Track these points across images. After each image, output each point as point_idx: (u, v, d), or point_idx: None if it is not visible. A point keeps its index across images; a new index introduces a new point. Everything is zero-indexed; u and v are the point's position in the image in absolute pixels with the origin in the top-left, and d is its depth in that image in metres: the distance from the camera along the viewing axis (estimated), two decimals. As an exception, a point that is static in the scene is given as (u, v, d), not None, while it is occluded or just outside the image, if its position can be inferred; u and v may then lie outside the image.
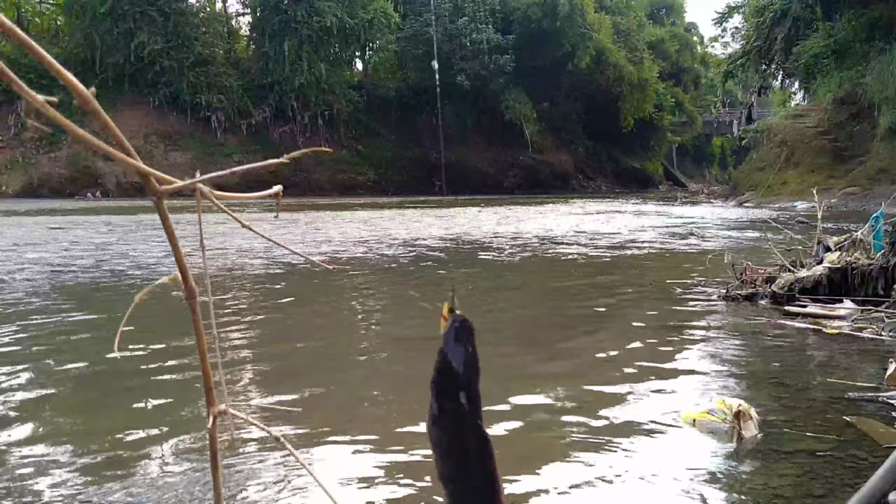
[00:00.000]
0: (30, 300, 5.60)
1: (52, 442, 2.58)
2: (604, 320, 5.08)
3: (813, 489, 2.15)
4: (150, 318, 4.76)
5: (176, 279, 0.70)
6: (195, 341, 0.73)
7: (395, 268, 8.14)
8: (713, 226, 15.80)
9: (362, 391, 3.32)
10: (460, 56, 40.91)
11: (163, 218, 0.67)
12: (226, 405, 0.73)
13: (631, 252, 9.71)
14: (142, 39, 35.05)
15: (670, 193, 46.86)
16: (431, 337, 3.61)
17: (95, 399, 3.17)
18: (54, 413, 2.93)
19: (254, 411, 2.93)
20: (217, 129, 37.24)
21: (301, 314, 5.38)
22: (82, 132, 0.59)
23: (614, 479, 2.27)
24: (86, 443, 2.57)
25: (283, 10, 38.16)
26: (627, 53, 48.28)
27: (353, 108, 41.25)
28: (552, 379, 3.46)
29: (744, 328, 4.60)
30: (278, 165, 0.69)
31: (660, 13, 63.50)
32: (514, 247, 10.43)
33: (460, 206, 25.06)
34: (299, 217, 17.20)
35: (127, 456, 2.44)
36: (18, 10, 37.75)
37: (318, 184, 37.08)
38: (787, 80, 37.53)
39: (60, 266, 7.67)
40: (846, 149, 25.59)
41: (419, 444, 2.60)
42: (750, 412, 2.65)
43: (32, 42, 0.53)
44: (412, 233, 12.86)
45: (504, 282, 7.27)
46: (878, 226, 5.54)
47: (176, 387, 3.28)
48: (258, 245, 9.71)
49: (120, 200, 27.62)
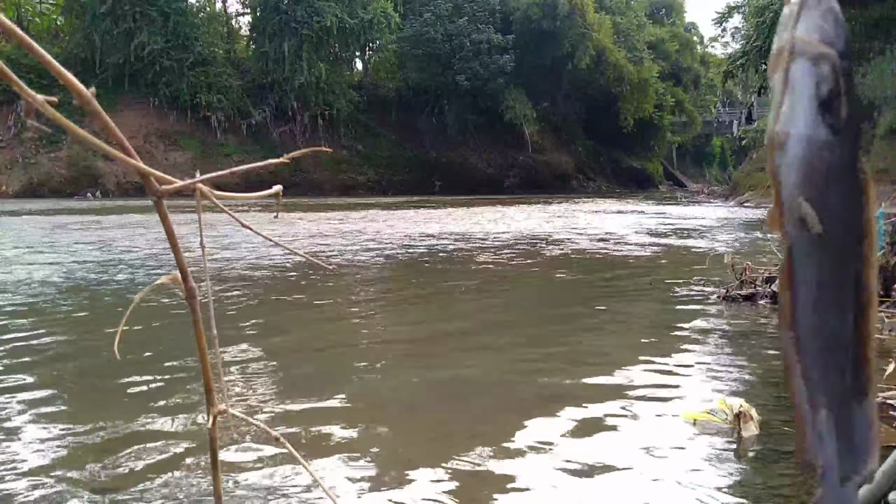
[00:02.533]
0: (30, 300, 5.60)
1: (52, 442, 2.58)
2: (603, 319, 5.07)
3: (812, 488, 2.15)
4: (150, 317, 4.75)
5: (176, 279, 0.70)
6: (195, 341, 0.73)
7: (394, 267, 8.13)
8: (713, 226, 15.79)
9: (362, 391, 3.32)
10: (460, 56, 40.88)
11: (163, 218, 0.67)
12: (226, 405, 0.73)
13: (631, 252, 9.70)
14: (142, 39, 35.05)
15: (670, 193, 46.87)
16: (432, 337, 3.62)
17: (95, 399, 3.16)
18: (54, 413, 2.93)
19: (254, 411, 2.93)
20: (217, 129, 37.23)
21: (301, 314, 5.38)
22: (82, 132, 0.59)
23: (615, 477, 2.27)
24: (86, 442, 2.56)
25: (283, 10, 38.14)
26: (627, 53, 48.27)
27: (353, 108, 41.23)
28: (552, 378, 3.45)
29: (744, 328, 4.60)
30: (278, 165, 0.69)
31: (660, 13, 63.48)
32: (514, 246, 10.42)
33: (460, 206, 25.06)
34: (299, 217, 17.20)
35: (127, 456, 2.44)
36: (18, 10, 37.73)
37: (318, 184, 37.06)
38: (787, 80, 37.46)
39: (61, 266, 7.66)
40: (846, 149, 25.56)
41: (420, 445, 2.60)
42: (750, 412, 2.65)
43: (32, 42, 0.53)
44: (412, 232, 12.86)
45: (504, 281, 7.26)
46: (878, 226, 5.54)
47: (176, 387, 3.28)
48: (258, 245, 9.71)
49: (120, 200, 27.63)
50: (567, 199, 31.94)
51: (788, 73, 0.41)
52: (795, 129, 0.41)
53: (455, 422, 2.90)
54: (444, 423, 2.89)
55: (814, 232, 0.41)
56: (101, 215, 17.53)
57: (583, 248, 10.28)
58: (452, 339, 4.43)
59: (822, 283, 0.42)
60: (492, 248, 10.17)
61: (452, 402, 3.16)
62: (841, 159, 0.41)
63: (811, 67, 0.42)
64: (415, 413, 3.05)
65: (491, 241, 11.25)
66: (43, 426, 2.75)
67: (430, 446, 2.58)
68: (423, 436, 2.73)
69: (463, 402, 3.13)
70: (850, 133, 0.42)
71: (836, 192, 0.42)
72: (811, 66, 0.42)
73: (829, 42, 0.42)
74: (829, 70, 0.41)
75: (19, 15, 37.35)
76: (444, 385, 3.42)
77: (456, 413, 3.01)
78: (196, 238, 0.82)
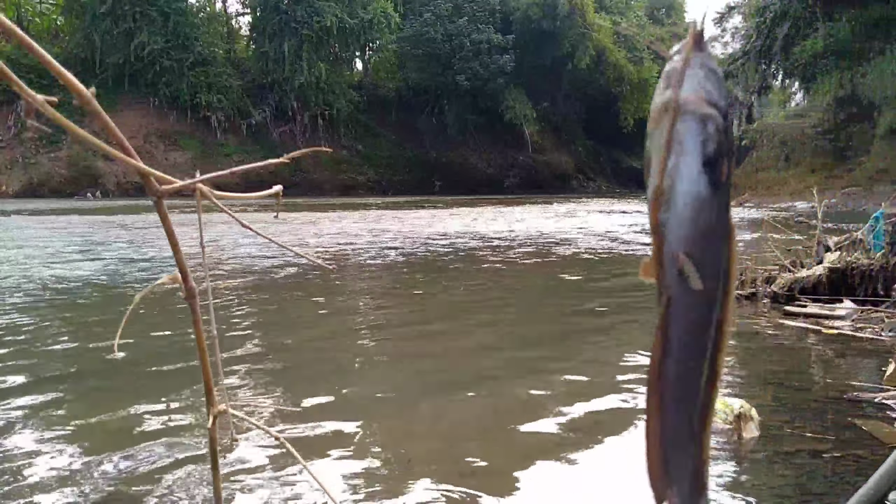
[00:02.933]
0: (31, 300, 5.60)
1: (52, 441, 2.58)
2: (603, 319, 5.08)
3: (813, 489, 2.15)
4: (150, 317, 4.75)
5: (176, 279, 0.70)
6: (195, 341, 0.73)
7: (394, 267, 8.14)
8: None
9: (363, 391, 3.31)
10: (460, 56, 40.89)
11: (162, 218, 0.67)
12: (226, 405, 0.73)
13: (631, 251, 9.71)
14: (142, 39, 35.08)
15: (670, 193, 46.82)
16: (432, 336, 3.62)
17: (95, 399, 3.16)
18: (54, 413, 2.93)
19: (254, 411, 2.93)
20: (217, 129, 37.26)
21: (301, 314, 5.37)
22: (82, 132, 0.59)
23: (615, 478, 2.27)
24: (86, 443, 2.56)
25: (283, 10, 38.17)
26: (627, 53, 48.30)
27: (353, 108, 41.26)
28: (551, 377, 3.45)
29: (744, 328, 4.60)
30: (278, 165, 0.69)
31: (660, 13, 63.48)
32: (514, 246, 10.42)
33: (460, 206, 25.06)
34: (299, 217, 17.20)
35: (127, 456, 2.44)
36: (18, 10, 37.75)
37: (318, 184, 37.09)
38: (787, 80, 37.53)
39: (61, 266, 7.66)
40: (846, 149, 25.60)
41: (420, 444, 2.60)
42: (751, 413, 2.65)
43: (32, 42, 0.53)
44: (412, 232, 12.86)
45: (504, 280, 7.27)
46: (878, 226, 5.54)
47: (176, 387, 3.28)
48: (258, 245, 9.71)
49: (120, 200, 27.63)
50: (568, 199, 31.96)
51: (674, 131, 0.42)
52: (681, 185, 0.42)
53: (456, 421, 2.90)
54: (445, 423, 2.89)
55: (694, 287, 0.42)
56: (102, 215, 17.53)
57: (583, 247, 10.28)
58: (454, 339, 4.43)
59: (691, 337, 0.44)
60: (492, 247, 10.17)
61: (453, 401, 3.16)
62: (718, 215, 0.42)
63: (697, 126, 0.42)
64: (416, 413, 3.04)
65: (491, 241, 11.26)
66: (41, 426, 2.75)
67: (430, 446, 2.58)
68: (424, 435, 2.73)
69: (464, 402, 3.13)
70: (727, 189, 0.43)
71: (711, 247, 0.43)
72: (697, 125, 0.42)
73: (713, 102, 0.43)
74: (713, 130, 0.42)
75: (19, 15, 37.36)
76: (446, 384, 3.42)
77: (457, 413, 3.01)
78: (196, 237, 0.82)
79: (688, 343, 0.44)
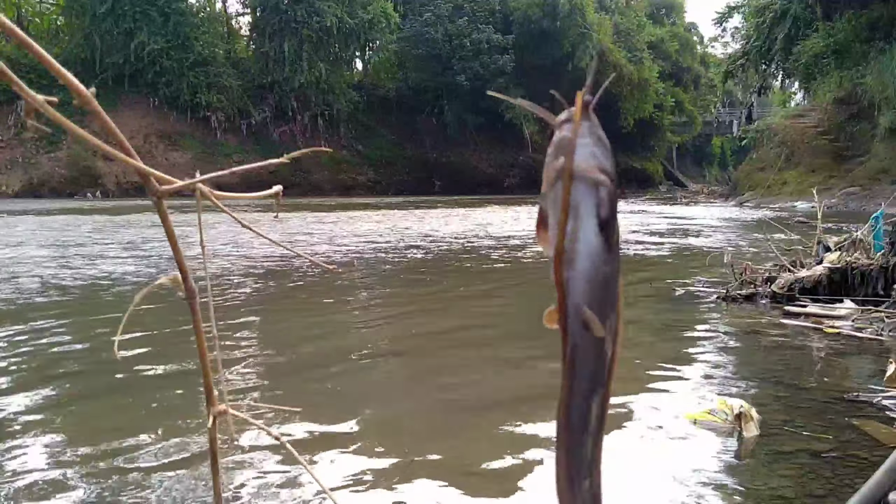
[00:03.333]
0: (30, 300, 5.60)
1: (52, 442, 2.58)
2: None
3: (813, 489, 2.15)
4: (150, 317, 4.75)
5: (176, 279, 0.70)
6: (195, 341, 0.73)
7: (394, 267, 8.13)
8: (713, 226, 15.79)
9: (363, 391, 3.32)
10: (460, 56, 40.87)
11: (163, 218, 0.67)
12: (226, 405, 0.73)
13: (631, 252, 9.70)
14: (142, 39, 35.04)
15: (670, 193, 46.86)
16: (432, 336, 3.62)
17: (95, 399, 3.16)
18: (54, 413, 2.93)
19: (254, 411, 2.93)
20: (217, 129, 37.22)
21: (301, 314, 5.37)
22: (82, 132, 0.59)
23: (615, 478, 2.27)
24: (86, 443, 2.56)
25: (283, 10, 38.13)
26: (627, 53, 48.28)
27: (353, 108, 41.23)
28: (553, 376, 3.45)
29: (744, 328, 4.60)
30: (278, 165, 0.69)
31: (660, 13, 63.46)
32: (513, 245, 10.42)
33: (460, 206, 25.07)
34: (299, 217, 17.20)
35: (127, 456, 2.44)
36: (18, 10, 37.73)
37: (317, 184, 37.07)
38: (787, 80, 37.54)
39: (61, 266, 7.66)
40: (846, 149, 25.59)
41: (420, 444, 2.60)
42: (751, 412, 2.65)
43: (32, 42, 0.53)
44: (412, 232, 12.86)
45: (504, 280, 7.26)
46: (878, 226, 5.54)
47: (176, 387, 3.28)
48: (258, 245, 9.71)
49: (120, 200, 27.62)
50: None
51: (571, 196, 0.46)
52: (582, 246, 0.46)
53: (456, 421, 2.90)
54: (445, 423, 2.89)
55: (596, 335, 0.46)
56: (101, 215, 17.52)
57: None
58: (455, 339, 4.43)
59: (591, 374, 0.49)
60: (492, 247, 10.17)
61: (454, 401, 3.16)
62: (612, 268, 0.47)
63: (591, 192, 0.47)
64: (416, 412, 3.05)
65: (490, 240, 11.25)
66: (41, 426, 2.75)
67: (431, 445, 2.57)
68: (425, 435, 2.73)
69: (464, 402, 3.13)
70: (617, 245, 0.48)
71: (608, 299, 0.47)
72: (591, 191, 0.47)
73: (604, 169, 0.48)
74: (605, 195, 0.47)
75: (19, 15, 37.35)
76: (446, 384, 3.41)
77: (457, 412, 3.01)
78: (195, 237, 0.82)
79: (589, 380, 0.49)
